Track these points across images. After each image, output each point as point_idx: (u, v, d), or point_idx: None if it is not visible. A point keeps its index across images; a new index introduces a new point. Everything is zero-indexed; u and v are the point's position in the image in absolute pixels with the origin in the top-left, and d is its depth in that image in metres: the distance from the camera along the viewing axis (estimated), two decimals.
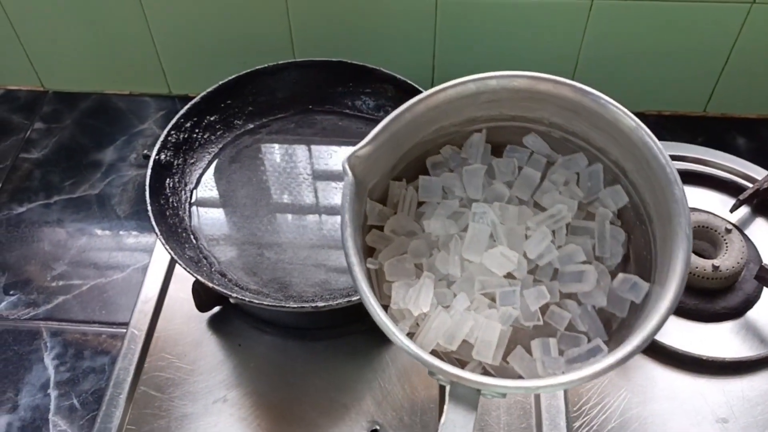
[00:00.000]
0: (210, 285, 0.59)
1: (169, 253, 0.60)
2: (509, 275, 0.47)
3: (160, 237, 0.61)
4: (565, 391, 0.61)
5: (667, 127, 0.93)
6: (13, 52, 0.97)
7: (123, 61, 0.97)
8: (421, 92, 0.50)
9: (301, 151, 0.75)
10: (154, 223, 0.62)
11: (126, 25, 0.91)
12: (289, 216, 0.70)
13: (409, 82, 0.73)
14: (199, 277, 0.59)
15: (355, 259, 0.41)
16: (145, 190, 0.65)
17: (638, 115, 0.92)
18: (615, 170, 0.50)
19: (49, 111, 1.01)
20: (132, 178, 0.92)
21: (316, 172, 0.73)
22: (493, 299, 0.47)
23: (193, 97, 0.97)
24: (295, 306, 0.59)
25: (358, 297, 0.58)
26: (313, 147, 0.75)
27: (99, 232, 0.87)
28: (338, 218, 0.67)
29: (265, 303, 0.58)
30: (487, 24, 0.85)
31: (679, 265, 0.41)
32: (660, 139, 0.79)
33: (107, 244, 0.86)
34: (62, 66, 0.99)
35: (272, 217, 0.69)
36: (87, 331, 0.79)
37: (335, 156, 0.74)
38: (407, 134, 0.48)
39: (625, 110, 0.47)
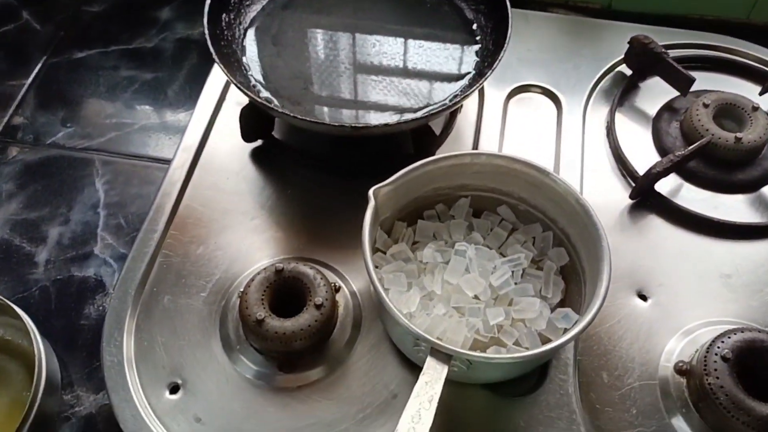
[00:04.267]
0: (258, 100, 0.63)
1: (223, 70, 0.65)
2: (477, 297, 0.60)
3: (216, 57, 0.66)
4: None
5: (709, 31, 0.95)
6: None
7: None
8: None
9: (351, 3, 0.78)
10: (210, 43, 0.66)
11: None
12: (334, 57, 0.74)
13: None
14: (248, 93, 0.64)
15: (371, 264, 0.55)
16: (203, 28, 0.69)
17: (681, 17, 0.94)
18: (561, 236, 0.63)
19: None
20: (185, 36, 0.97)
21: (364, 24, 0.77)
22: (462, 313, 0.59)
23: None
24: (336, 124, 0.63)
25: (394, 122, 0.62)
26: (362, 1, 0.78)
27: (152, 80, 0.92)
28: (383, 68, 0.72)
29: (309, 118, 0.62)
30: None
31: (599, 298, 0.53)
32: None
33: (158, 91, 0.91)
34: None
35: (318, 57, 0.73)
36: (136, 164, 0.84)
37: (385, 7, 0.78)
38: (415, 186, 0.62)
39: (572, 187, 0.60)
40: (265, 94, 0.70)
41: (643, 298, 0.64)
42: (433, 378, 0.50)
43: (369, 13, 0.78)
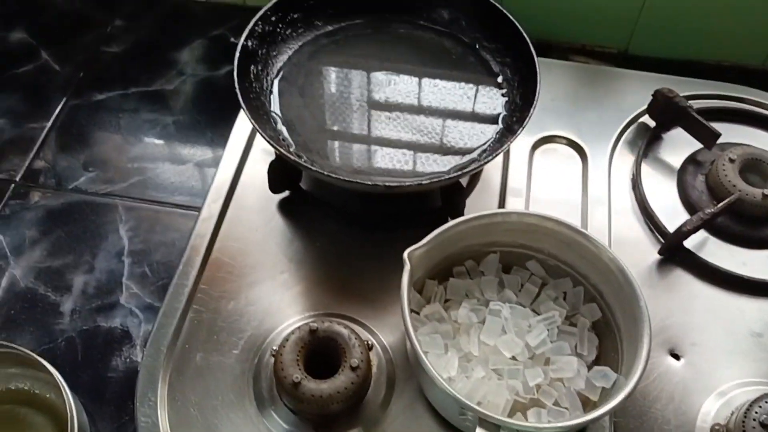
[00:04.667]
0: (291, 158, 0.63)
1: (253, 125, 0.65)
2: (514, 358, 0.60)
3: (246, 112, 0.66)
4: None
5: (726, 76, 0.96)
6: None
7: None
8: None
9: (376, 54, 0.79)
10: (241, 98, 0.66)
11: None
12: (362, 110, 0.74)
13: None
14: (280, 149, 0.64)
15: (413, 333, 0.55)
16: (232, 78, 0.68)
17: (697, 63, 0.95)
18: (593, 292, 0.63)
19: (127, 11, 1.05)
20: (205, 78, 0.97)
21: (389, 74, 0.77)
22: (501, 374, 0.59)
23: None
24: (369, 183, 0.63)
25: (426, 181, 0.63)
26: (388, 52, 0.79)
27: (172, 123, 0.92)
28: (409, 117, 0.72)
29: (342, 177, 0.63)
30: None
31: (641, 360, 0.54)
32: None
33: (180, 134, 0.91)
34: None
35: (346, 109, 0.74)
36: (159, 210, 0.84)
37: (411, 58, 0.78)
38: (446, 245, 0.63)
39: (606, 246, 0.61)
40: (294, 148, 0.70)
41: (676, 357, 0.65)
42: None
43: (394, 63, 0.78)
